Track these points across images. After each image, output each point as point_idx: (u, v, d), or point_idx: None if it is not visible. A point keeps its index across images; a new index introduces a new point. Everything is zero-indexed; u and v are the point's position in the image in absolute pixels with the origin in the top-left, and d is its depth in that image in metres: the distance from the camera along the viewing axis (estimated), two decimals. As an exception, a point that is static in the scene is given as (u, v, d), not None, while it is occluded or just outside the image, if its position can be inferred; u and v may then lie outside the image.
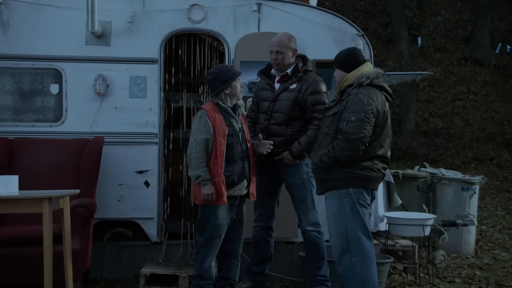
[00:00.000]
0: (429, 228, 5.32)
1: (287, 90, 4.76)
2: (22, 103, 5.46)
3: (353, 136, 3.81)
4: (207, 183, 4.25)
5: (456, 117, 14.60)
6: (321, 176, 4.03)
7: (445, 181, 7.09)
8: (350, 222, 3.92)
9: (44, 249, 3.85)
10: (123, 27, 5.46)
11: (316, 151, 4.09)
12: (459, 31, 16.72)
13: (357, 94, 3.91)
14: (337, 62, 4.14)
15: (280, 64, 4.76)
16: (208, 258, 4.36)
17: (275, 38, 4.79)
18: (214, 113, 4.34)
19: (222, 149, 4.29)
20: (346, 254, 3.94)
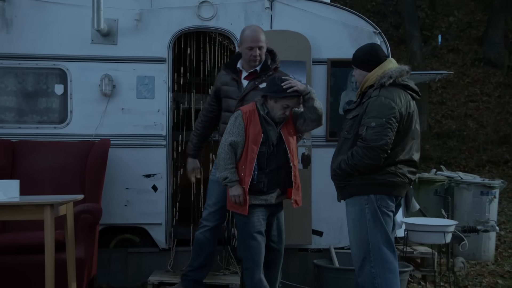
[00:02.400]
0: (450, 235, 5.08)
1: (256, 89, 4.45)
2: (25, 104, 5.29)
3: (374, 144, 3.56)
4: (234, 184, 4.09)
5: (469, 119, 14.42)
6: (341, 183, 3.80)
7: (463, 185, 6.85)
8: (371, 231, 3.70)
9: (46, 257, 3.66)
10: (130, 25, 5.27)
11: (335, 156, 3.85)
12: (472, 32, 16.49)
13: (378, 96, 3.64)
14: (356, 61, 3.86)
15: (262, 60, 4.50)
16: (255, 271, 4.17)
17: (252, 33, 4.47)
18: (251, 116, 4.14)
19: (253, 156, 4.10)
20: (367, 265, 3.72)
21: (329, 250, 5.28)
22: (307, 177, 5.32)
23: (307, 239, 5.33)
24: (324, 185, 5.08)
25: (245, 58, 4.52)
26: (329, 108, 5.38)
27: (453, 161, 13.20)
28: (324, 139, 5.38)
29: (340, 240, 5.35)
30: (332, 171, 3.83)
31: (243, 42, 4.49)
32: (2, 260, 4.32)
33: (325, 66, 5.36)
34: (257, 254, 4.17)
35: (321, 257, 5.30)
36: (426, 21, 16.22)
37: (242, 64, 4.57)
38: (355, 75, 3.92)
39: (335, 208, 4.78)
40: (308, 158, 5.33)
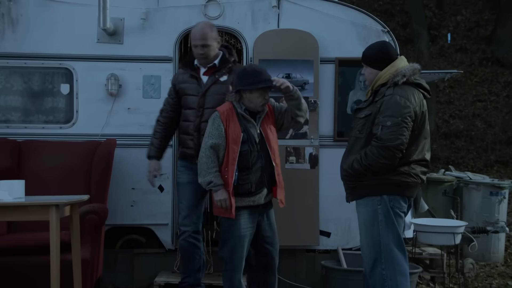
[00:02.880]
0: (460, 236, 5.02)
1: (217, 83, 4.41)
2: (31, 104, 5.26)
3: (389, 143, 3.50)
4: (218, 188, 3.98)
5: (477, 119, 14.31)
6: (352, 183, 3.72)
7: (472, 185, 6.78)
8: (383, 232, 3.62)
9: (51, 258, 3.62)
10: (136, 24, 5.23)
11: (345, 156, 3.77)
12: (480, 31, 16.36)
13: (392, 95, 3.58)
14: (367, 59, 3.79)
15: (207, 58, 4.41)
16: (236, 273, 4.10)
17: (197, 30, 4.41)
18: (229, 116, 4.05)
19: (234, 156, 3.99)
20: (378, 267, 3.65)
21: (337, 251, 5.23)
22: (314, 177, 5.27)
23: (314, 240, 5.28)
24: (332, 185, 5.04)
25: (194, 55, 4.48)
26: (337, 108, 5.32)
27: (461, 161, 13.10)
28: (331, 139, 5.33)
29: (348, 241, 5.29)
30: (343, 171, 3.76)
31: (191, 39, 4.46)
32: (7, 261, 4.30)
33: (333, 65, 5.30)
34: (240, 257, 4.08)
35: (328, 258, 5.25)
36: (433, 20, 16.10)
37: (199, 61, 4.48)
38: (364, 73, 3.84)
39: (343, 209, 4.73)
40: (316, 158, 5.28)
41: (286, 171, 5.04)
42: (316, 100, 5.27)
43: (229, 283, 4.11)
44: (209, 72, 4.47)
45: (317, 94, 5.27)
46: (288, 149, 5.23)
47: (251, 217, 4.10)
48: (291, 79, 5.25)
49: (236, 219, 4.03)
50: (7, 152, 4.89)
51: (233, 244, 4.06)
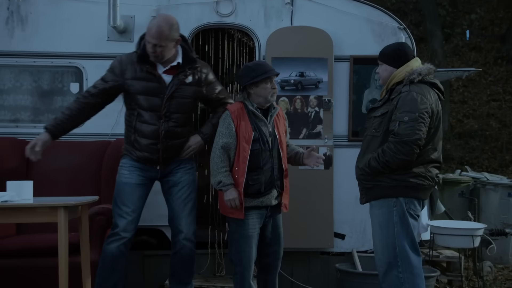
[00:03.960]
0: (479, 238, 4.89)
1: (184, 85, 4.07)
2: (41, 103, 5.19)
3: (407, 138, 3.44)
4: (228, 188, 3.90)
5: (492, 119, 14.18)
6: (368, 184, 3.64)
7: (490, 186, 6.63)
8: (398, 234, 3.55)
9: (60, 261, 3.54)
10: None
11: (361, 155, 3.70)
12: (495, 29, 16.19)
13: (409, 92, 3.54)
14: (384, 57, 3.74)
15: (159, 57, 3.97)
16: (246, 276, 4.00)
17: (153, 27, 3.91)
18: (240, 115, 3.98)
19: (245, 155, 3.92)
20: (393, 270, 3.57)
21: (352, 253, 5.13)
22: (329, 178, 5.17)
23: (329, 242, 5.18)
24: (346, 186, 4.95)
25: (146, 49, 3.99)
26: (352, 107, 5.23)
27: (475, 161, 12.98)
28: (346, 139, 5.23)
29: (363, 243, 5.18)
30: (359, 171, 3.68)
31: (147, 32, 3.97)
32: (16, 263, 4.23)
33: (347, 63, 5.21)
34: (249, 258, 4.00)
35: (343, 261, 5.16)
36: (447, 18, 15.96)
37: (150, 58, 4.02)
38: (379, 71, 3.79)
39: (358, 210, 4.63)
40: (330, 159, 5.18)
41: (300, 172, 4.95)
42: (330, 99, 5.18)
43: (241, 284, 4.03)
44: (172, 71, 4.07)
45: (331, 93, 5.18)
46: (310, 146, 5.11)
47: (259, 218, 4.02)
48: (305, 78, 5.16)
49: (245, 220, 3.96)
50: (16, 152, 4.80)
51: (241, 245, 3.99)
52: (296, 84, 5.17)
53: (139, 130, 4.08)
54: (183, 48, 4.10)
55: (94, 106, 4.14)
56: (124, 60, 4.09)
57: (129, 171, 4.12)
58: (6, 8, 5.09)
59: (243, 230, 3.97)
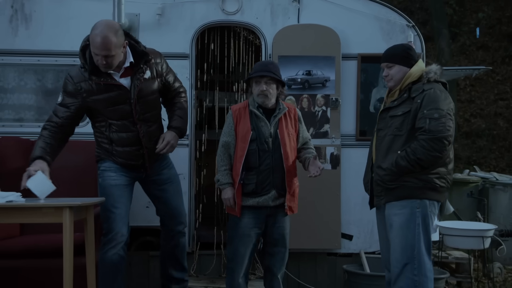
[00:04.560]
0: (489, 239, 4.81)
1: (145, 82, 3.90)
2: (45, 102, 5.14)
3: (440, 135, 3.44)
4: (225, 187, 3.98)
5: (499, 118, 14.10)
6: (392, 184, 3.58)
7: (499, 186, 6.55)
8: (418, 236, 3.54)
9: (64, 262, 3.48)
10: (152, 20, 5.10)
11: (383, 156, 3.62)
12: (502, 28, 16.06)
13: (434, 89, 3.54)
14: (396, 58, 3.70)
15: (111, 67, 3.77)
16: (236, 272, 4.02)
17: (98, 39, 3.64)
18: (241, 114, 4.01)
19: (241, 154, 3.93)
20: (408, 272, 3.53)
21: (360, 255, 5.06)
22: (336, 178, 5.11)
23: (336, 243, 5.13)
24: (354, 186, 4.89)
25: (95, 62, 3.78)
26: (359, 106, 5.17)
27: (483, 161, 12.90)
28: (353, 138, 5.17)
29: (370, 244, 5.12)
30: (382, 171, 3.59)
31: (91, 43, 3.73)
32: (20, 264, 4.19)
33: (355, 62, 5.15)
34: (240, 256, 4.02)
35: (350, 262, 5.11)
36: (454, 17, 15.85)
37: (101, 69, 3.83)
38: (390, 73, 3.70)
39: (366, 211, 4.51)
40: (337, 158, 5.11)
41: (306, 172, 4.87)
42: (338, 98, 5.12)
43: (230, 281, 4.08)
44: (127, 73, 3.88)
45: (338, 91, 5.12)
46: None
47: (257, 218, 4.00)
48: (312, 76, 5.09)
49: (240, 218, 3.99)
50: (20, 151, 4.76)
51: (235, 242, 4.03)
52: (303, 82, 5.12)
53: (117, 139, 3.96)
54: (130, 44, 3.89)
55: (64, 134, 3.98)
56: (75, 78, 3.88)
57: (115, 173, 4.01)
58: (10, 6, 5.05)
59: (238, 228, 4.01)
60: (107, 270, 3.95)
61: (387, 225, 3.67)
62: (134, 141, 3.97)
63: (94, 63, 3.78)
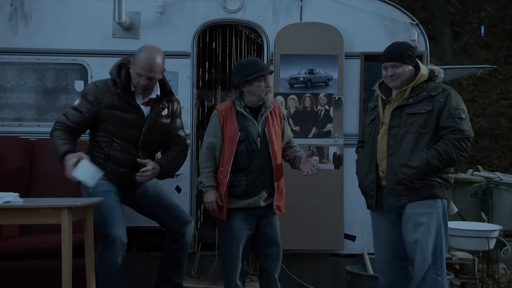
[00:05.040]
0: (494, 240, 4.75)
1: (160, 117, 4.05)
2: (45, 102, 5.10)
3: (471, 135, 3.53)
4: (207, 190, 3.89)
5: (502, 117, 14.07)
6: (419, 183, 3.55)
7: (503, 186, 6.49)
8: (440, 236, 3.56)
9: (63, 264, 3.42)
10: (153, 18, 5.04)
11: (409, 154, 3.56)
12: (505, 27, 16.00)
13: (452, 90, 3.61)
14: (403, 57, 3.67)
15: (150, 89, 3.96)
16: (232, 275, 3.98)
17: (147, 60, 3.84)
18: (228, 114, 3.92)
19: (229, 156, 3.86)
20: (432, 272, 3.53)
21: (363, 255, 5.02)
22: (339, 178, 5.06)
23: (339, 244, 5.08)
24: (357, 186, 4.79)
25: (133, 81, 3.93)
26: (362, 105, 5.09)
27: (485, 161, 12.85)
28: (357, 138, 5.05)
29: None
30: (412, 169, 3.53)
31: (135, 63, 3.90)
32: (19, 265, 4.13)
33: (358, 60, 5.09)
34: (234, 258, 3.97)
35: (354, 263, 5.06)
36: (456, 16, 15.79)
37: (134, 85, 3.95)
38: (397, 72, 3.66)
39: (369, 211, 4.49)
40: (340, 158, 5.06)
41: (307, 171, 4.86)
42: (341, 97, 5.07)
43: (228, 284, 4.03)
44: (149, 103, 4.02)
45: (341, 90, 5.07)
46: (311, 149, 5.01)
47: (248, 219, 3.95)
48: (315, 75, 5.04)
49: (230, 221, 3.93)
50: (19, 151, 4.72)
51: (228, 245, 3.97)
52: (305, 81, 5.06)
53: (114, 157, 4.00)
54: (160, 80, 4.04)
55: (74, 136, 3.98)
56: (100, 88, 3.95)
57: (106, 181, 3.99)
58: (10, 4, 5.00)
59: (229, 231, 3.95)
60: (106, 275, 3.89)
61: (406, 225, 3.60)
62: (131, 164, 3.99)
63: (126, 81, 3.92)
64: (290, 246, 4.92)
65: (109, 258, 3.83)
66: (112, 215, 3.87)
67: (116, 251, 3.82)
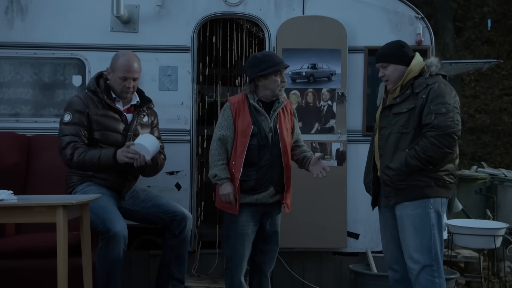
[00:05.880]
0: (501, 238, 4.66)
1: (142, 124, 4.25)
2: (42, 97, 5.01)
3: (450, 130, 3.36)
4: (223, 182, 3.83)
5: (504, 113, 14.02)
6: (402, 184, 3.48)
7: (508, 183, 6.41)
8: (434, 237, 3.48)
9: (58, 263, 3.31)
10: (152, 11, 4.94)
11: (390, 155, 3.52)
12: (508, 22, 15.91)
13: (438, 83, 3.46)
14: (391, 57, 3.64)
15: (133, 92, 4.22)
16: (236, 272, 3.91)
17: (128, 62, 4.14)
18: (240, 107, 3.86)
19: (242, 149, 3.81)
20: (428, 274, 3.48)
21: (366, 254, 4.94)
22: (342, 175, 4.98)
23: (342, 242, 5.00)
24: (360, 183, 4.64)
25: (116, 88, 4.16)
26: (366, 100, 5.03)
27: (487, 157, 12.80)
28: (360, 134, 5.03)
29: (378, 243, 4.95)
30: (392, 171, 3.50)
31: (115, 70, 4.13)
32: (15, 264, 4.04)
33: (362, 55, 5.00)
34: (240, 255, 3.91)
35: (357, 261, 4.98)
36: (458, 11, 15.71)
37: (115, 93, 4.19)
38: (386, 73, 3.65)
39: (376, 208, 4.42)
40: (343, 155, 4.97)
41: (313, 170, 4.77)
42: (344, 92, 4.98)
43: (230, 282, 3.97)
44: (131, 109, 4.24)
45: (344, 85, 4.98)
46: (314, 145, 4.94)
47: (254, 216, 3.91)
48: (317, 70, 4.95)
49: (237, 217, 3.88)
50: (15, 147, 4.63)
51: (233, 241, 3.92)
52: (308, 76, 4.98)
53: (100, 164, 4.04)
54: (138, 89, 4.31)
55: None
56: (84, 99, 4.15)
57: (96, 186, 4.07)
58: (6, -3, 4.90)
59: (236, 227, 3.89)
60: (106, 271, 3.86)
61: (399, 226, 3.58)
62: (118, 168, 4.07)
63: (107, 89, 4.16)
64: (292, 244, 4.86)
65: (111, 253, 3.82)
66: (109, 212, 3.88)
67: (118, 245, 3.81)
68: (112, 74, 4.15)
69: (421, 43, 4.90)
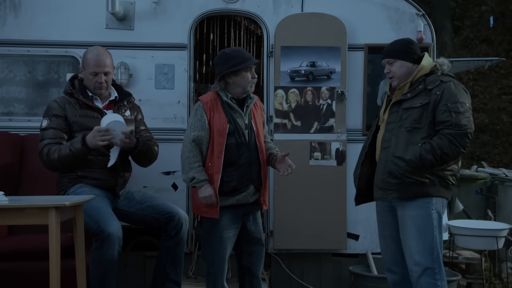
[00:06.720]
0: (503, 239, 4.60)
1: (124, 117, 4.12)
2: (35, 95, 4.96)
3: (469, 130, 3.36)
4: (203, 184, 3.69)
5: (503, 113, 14.01)
6: (410, 178, 3.42)
7: (509, 183, 6.37)
8: (436, 238, 3.44)
9: (51, 266, 3.22)
10: (148, 8, 4.89)
11: (403, 147, 3.46)
12: (506, 21, 15.91)
13: (452, 82, 3.46)
14: (398, 53, 3.63)
15: (107, 87, 4.14)
16: (218, 277, 3.83)
17: (96, 57, 4.05)
18: (213, 106, 3.75)
19: (220, 150, 3.70)
20: (429, 276, 3.43)
21: (366, 255, 4.90)
22: (342, 175, 4.93)
23: (341, 243, 4.96)
24: (361, 184, 4.66)
25: (89, 85, 4.11)
26: (366, 99, 4.99)
27: (486, 156, 12.79)
28: (360, 133, 4.98)
29: (378, 244, 4.82)
30: (404, 163, 3.43)
31: (85, 66, 4.08)
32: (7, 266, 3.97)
33: (362, 53, 4.96)
34: (222, 260, 3.82)
35: (357, 263, 4.95)
36: (457, 10, 15.71)
37: (90, 91, 4.13)
38: (392, 69, 3.64)
39: (373, 209, 4.33)
40: (343, 154, 4.92)
41: (311, 168, 4.82)
42: (344, 90, 4.93)
43: (213, 287, 3.86)
44: (110, 106, 4.17)
45: (344, 84, 4.93)
46: (313, 144, 4.87)
47: (235, 217, 3.81)
48: (316, 68, 4.89)
49: (219, 220, 3.75)
50: (8, 147, 4.56)
51: (215, 246, 3.81)
52: (307, 74, 4.93)
53: (90, 162, 4.03)
54: (115, 84, 4.30)
55: None
56: (60, 102, 4.11)
57: (88, 187, 4.01)
58: (-2, -7, 4.83)
59: (217, 231, 3.78)
60: (101, 272, 3.79)
61: (401, 227, 3.53)
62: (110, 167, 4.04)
63: (82, 88, 4.11)
64: (290, 245, 4.82)
65: (105, 254, 3.74)
66: (102, 213, 3.80)
67: (112, 247, 3.74)
68: (84, 72, 4.10)
69: (422, 40, 4.85)
